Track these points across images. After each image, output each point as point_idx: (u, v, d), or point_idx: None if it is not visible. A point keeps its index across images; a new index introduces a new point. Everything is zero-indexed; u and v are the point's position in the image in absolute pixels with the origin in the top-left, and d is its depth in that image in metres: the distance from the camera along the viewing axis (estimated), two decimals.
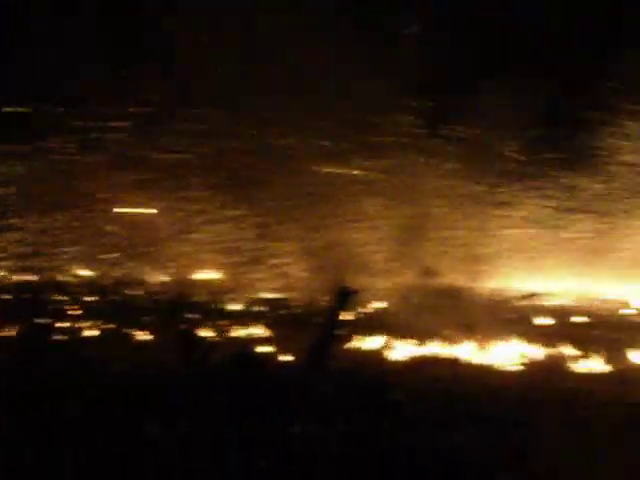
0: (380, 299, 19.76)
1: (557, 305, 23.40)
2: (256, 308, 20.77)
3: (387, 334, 17.30)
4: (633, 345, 16.38)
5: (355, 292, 11.75)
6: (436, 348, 16.86)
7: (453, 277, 24.62)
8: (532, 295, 24.68)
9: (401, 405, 9.66)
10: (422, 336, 17.16)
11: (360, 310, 19.05)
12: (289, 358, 14.66)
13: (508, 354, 16.37)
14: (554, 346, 16.54)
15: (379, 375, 13.56)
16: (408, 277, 24.34)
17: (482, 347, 16.68)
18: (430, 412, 11.66)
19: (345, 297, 11.25)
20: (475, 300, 22.34)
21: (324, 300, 19.15)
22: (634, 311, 22.85)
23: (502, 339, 16.94)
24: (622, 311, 22.80)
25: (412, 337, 17.03)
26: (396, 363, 16.17)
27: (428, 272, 23.63)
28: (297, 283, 23.24)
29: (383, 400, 9.55)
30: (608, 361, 15.57)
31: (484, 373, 15.50)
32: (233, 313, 20.38)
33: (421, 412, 11.63)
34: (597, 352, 16.07)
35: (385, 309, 20.20)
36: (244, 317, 19.50)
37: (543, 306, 23.43)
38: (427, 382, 14.25)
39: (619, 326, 19.61)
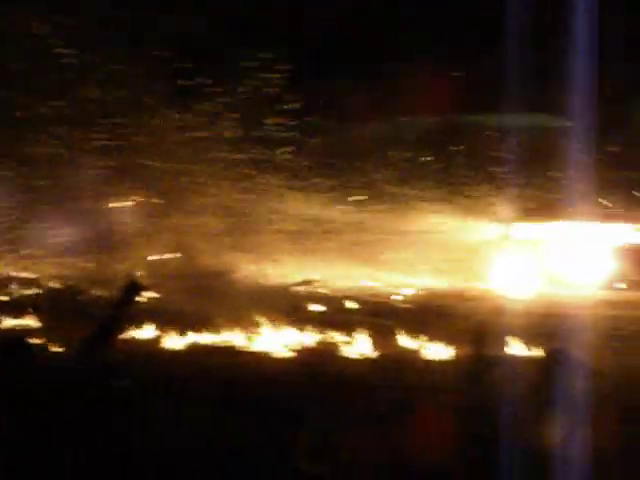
0: (153, 289, 19.57)
1: (330, 292, 23.95)
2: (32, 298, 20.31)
3: (160, 324, 17.16)
4: (402, 330, 16.88)
5: (143, 287, 11.53)
6: (209, 337, 16.85)
7: (226, 265, 24.81)
8: (306, 282, 25.16)
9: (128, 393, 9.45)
10: (195, 325, 17.12)
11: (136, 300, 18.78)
12: (61, 349, 14.34)
13: (283, 340, 16.53)
14: (327, 332, 16.83)
15: (148, 366, 13.48)
16: (181, 267, 24.34)
17: (256, 334, 16.78)
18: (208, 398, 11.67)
19: (132, 291, 11.01)
20: (249, 288, 22.55)
21: (105, 292, 18.87)
22: (402, 297, 23.64)
23: (277, 326, 17.10)
24: (392, 297, 23.53)
25: (185, 327, 16.95)
26: (170, 353, 16.07)
27: (191, 260, 23.75)
28: (76, 274, 22.88)
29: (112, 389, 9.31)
30: (378, 346, 15.99)
31: (259, 360, 15.60)
32: (3, 303, 19.82)
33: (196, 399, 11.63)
34: (368, 337, 16.46)
35: (158, 299, 20.08)
36: (16, 308, 18.93)
37: (317, 293, 23.90)
38: (202, 371, 14.24)
39: (389, 312, 20.24)
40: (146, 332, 16.88)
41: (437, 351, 15.63)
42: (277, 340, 16.43)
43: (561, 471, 9.72)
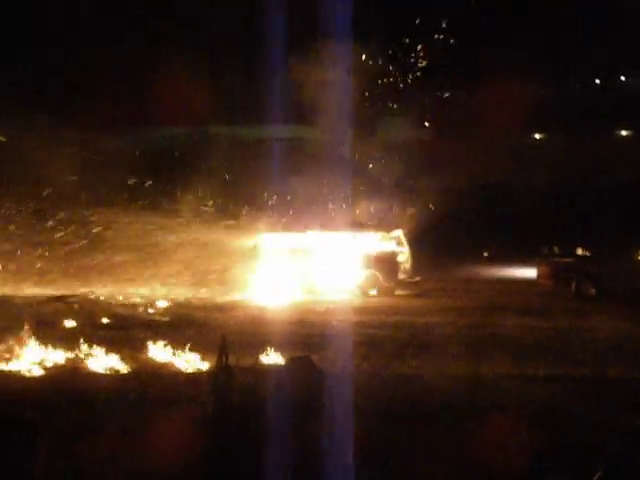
0: None
1: (86, 306, 23.55)
2: None
3: None
4: (153, 343, 16.76)
5: None
6: None
7: None
8: (63, 298, 24.71)
9: None
10: None
11: None
12: None
13: (30, 356, 16.06)
14: (78, 347, 16.45)
15: None
16: None
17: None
18: None
19: None
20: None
21: None
22: (157, 310, 23.47)
23: (24, 341, 16.58)
24: (148, 311, 23.32)
25: None
26: None
27: None
28: None
29: None
30: (127, 360, 15.79)
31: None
32: None
33: None
34: (121, 350, 16.23)
35: None
36: None
37: (71, 308, 23.39)
38: None
39: (142, 325, 20.08)
40: None
41: (186, 362, 15.58)
42: (25, 355, 15.95)
43: (322, 470, 9.88)
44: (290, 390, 10.74)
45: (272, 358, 15.29)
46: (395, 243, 28.88)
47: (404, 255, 28.96)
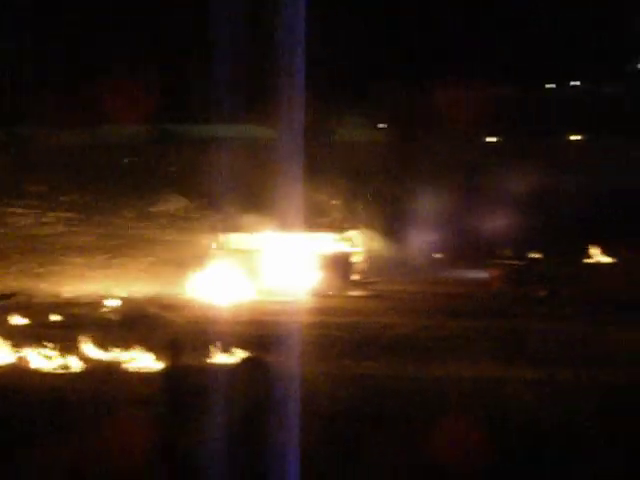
0: None
1: (32, 305, 23.29)
2: None
3: None
4: (104, 342, 16.62)
5: None
6: None
7: None
8: (5, 296, 24.37)
9: None
10: None
11: None
12: None
13: None
14: (23, 346, 16.29)
15: None
16: None
17: None
18: None
19: None
20: None
21: None
22: (108, 309, 23.29)
23: None
24: (100, 310, 23.15)
25: None
26: None
27: None
28: None
29: None
30: (77, 359, 15.68)
31: None
32: None
33: None
34: (67, 350, 16.11)
35: None
36: None
37: (21, 305, 23.15)
38: None
39: (93, 324, 19.90)
40: None
41: (138, 362, 15.46)
42: None
43: (271, 470, 9.85)
44: (242, 390, 10.69)
45: (225, 358, 15.21)
46: (350, 244, 28.87)
47: (359, 256, 28.95)
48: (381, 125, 35.98)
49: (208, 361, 15.09)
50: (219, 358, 15.33)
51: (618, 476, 10.43)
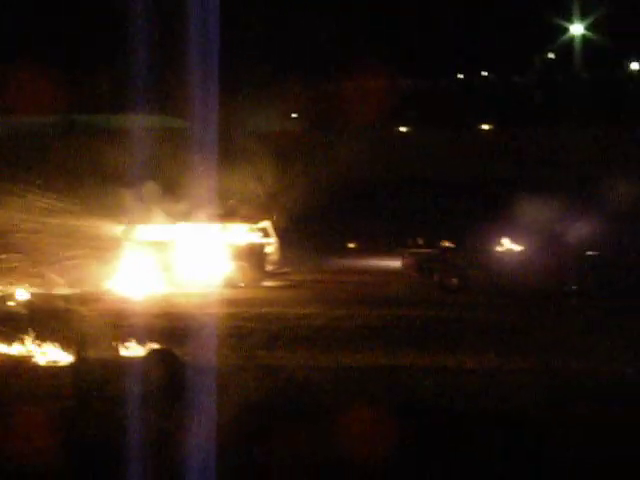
0: None
1: None
2: None
3: None
4: (15, 335, 16.36)
5: None
6: None
7: None
8: None
9: None
10: None
11: None
12: None
13: None
14: None
15: None
16: None
17: None
18: None
19: None
20: None
21: None
22: (16, 303, 22.87)
23: None
24: (7, 303, 22.71)
25: None
26: None
27: None
28: None
29: None
30: None
31: None
32: None
33: None
34: None
35: None
36: None
37: None
38: None
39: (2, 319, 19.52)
40: None
41: (49, 356, 15.22)
42: None
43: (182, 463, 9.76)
44: (150, 382, 10.56)
45: (134, 351, 15.03)
46: (262, 235, 28.79)
47: (272, 246, 28.90)
48: (294, 115, 35.93)
49: (118, 354, 14.89)
50: (129, 351, 15.15)
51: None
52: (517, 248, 26.86)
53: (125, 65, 29.49)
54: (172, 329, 18.31)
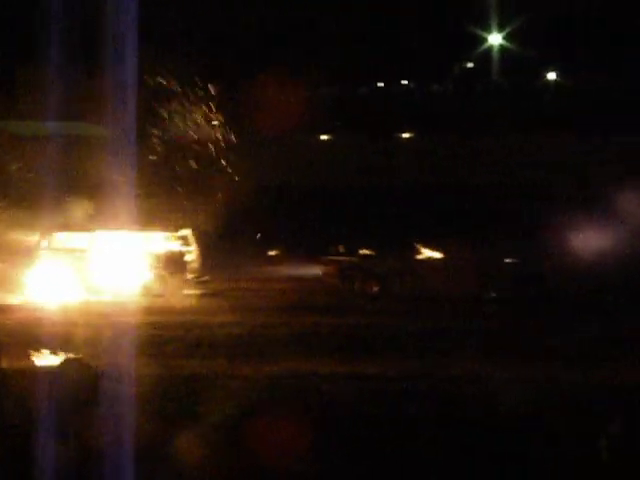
0: None
1: None
2: None
3: None
4: None
5: None
6: None
7: None
8: None
9: None
10: None
11: None
12: None
13: None
14: None
15: None
16: None
17: None
18: None
19: None
20: None
21: None
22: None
23: None
24: None
25: None
26: None
27: None
28: None
29: None
30: None
31: None
32: None
33: None
34: None
35: None
36: None
37: None
38: None
39: None
40: None
41: None
42: None
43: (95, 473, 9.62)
44: (63, 391, 10.35)
45: (47, 360, 14.75)
46: (182, 242, 28.53)
47: (192, 254, 28.65)
48: (215, 122, 35.77)
49: (30, 363, 14.60)
50: (42, 361, 14.86)
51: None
52: (436, 255, 27.03)
53: (42, 70, 29.05)
54: (87, 338, 18.00)
